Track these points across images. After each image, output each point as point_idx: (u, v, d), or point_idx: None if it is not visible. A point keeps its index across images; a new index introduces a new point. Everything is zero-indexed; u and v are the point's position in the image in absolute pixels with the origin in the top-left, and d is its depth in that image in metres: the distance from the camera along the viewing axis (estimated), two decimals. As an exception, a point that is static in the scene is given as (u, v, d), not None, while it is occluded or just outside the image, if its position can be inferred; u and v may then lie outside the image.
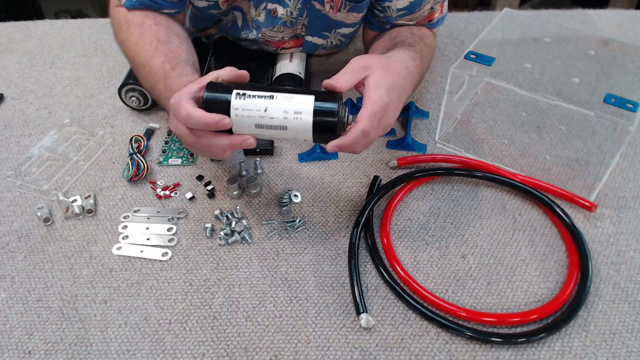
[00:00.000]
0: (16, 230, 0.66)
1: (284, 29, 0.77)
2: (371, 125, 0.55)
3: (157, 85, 0.65)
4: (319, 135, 0.55)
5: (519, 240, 0.64)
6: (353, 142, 0.54)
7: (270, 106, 0.53)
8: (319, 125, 0.54)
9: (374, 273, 0.60)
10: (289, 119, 0.53)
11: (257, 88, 0.55)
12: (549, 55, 0.88)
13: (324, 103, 0.54)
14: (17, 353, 0.54)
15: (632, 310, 0.57)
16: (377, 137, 0.58)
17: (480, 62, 0.68)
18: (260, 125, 0.54)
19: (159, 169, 0.73)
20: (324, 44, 0.81)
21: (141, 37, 0.68)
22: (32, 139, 0.78)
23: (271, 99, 0.53)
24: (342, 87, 0.55)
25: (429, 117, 0.80)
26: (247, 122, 0.54)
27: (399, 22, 0.76)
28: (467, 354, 0.54)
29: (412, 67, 0.66)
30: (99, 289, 0.60)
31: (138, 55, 0.68)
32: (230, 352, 0.54)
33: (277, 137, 0.56)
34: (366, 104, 0.55)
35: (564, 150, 0.74)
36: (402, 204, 0.68)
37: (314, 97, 0.54)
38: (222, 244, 0.63)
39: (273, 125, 0.54)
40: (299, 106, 0.53)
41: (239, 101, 0.53)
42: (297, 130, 0.54)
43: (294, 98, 0.54)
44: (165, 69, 0.64)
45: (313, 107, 0.53)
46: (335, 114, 0.54)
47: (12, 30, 1.01)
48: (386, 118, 0.57)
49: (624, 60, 0.86)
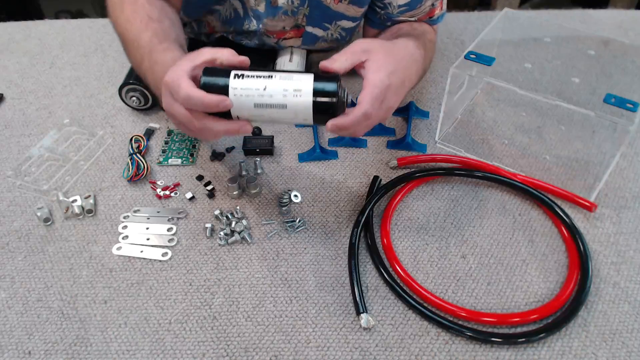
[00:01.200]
0: (16, 230, 0.66)
1: (285, 17, 0.77)
2: (372, 108, 0.54)
3: (143, 62, 0.65)
4: (319, 115, 0.54)
5: (519, 240, 0.64)
6: (354, 124, 0.54)
7: (270, 85, 0.53)
8: (318, 104, 0.53)
9: (374, 273, 0.60)
10: (288, 97, 0.53)
11: (255, 70, 0.54)
12: (549, 55, 0.88)
13: (323, 82, 0.53)
14: (17, 353, 0.54)
15: (632, 310, 0.57)
16: (378, 121, 0.58)
17: (480, 62, 0.68)
18: (259, 105, 0.53)
19: (159, 169, 0.73)
20: (324, 35, 0.81)
21: (133, 14, 0.67)
22: (32, 139, 0.78)
23: (270, 79, 0.53)
24: (340, 68, 0.55)
25: (429, 117, 0.80)
26: (246, 101, 0.53)
27: (400, 18, 0.76)
28: (467, 354, 0.54)
29: (417, 55, 0.65)
30: (99, 289, 0.60)
31: (128, 31, 0.67)
32: (230, 352, 0.54)
33: (276, 118, 0.55)
34: (367, 86, 0.55)
35: (564, 150, 0.74)
36: (402, 204, 0.68)
37: (313, 75, 0.54)
38: (222, 244, 0.63)
39: (272, 104, 0.53)
40: (299, 84, 0.53)
41: (238, 81, 0.53)
42: (297, 110, 0.54)
43: (293, 77, 0.53)
44: (153, 42, 0.64)
45: (313, 85, 0.53)
46: (335, 93, 0.53)
47: (12, 30, 1.01)
48: (388, 101, 0.56)
49: (624, 60, 0.86)
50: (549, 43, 0.84)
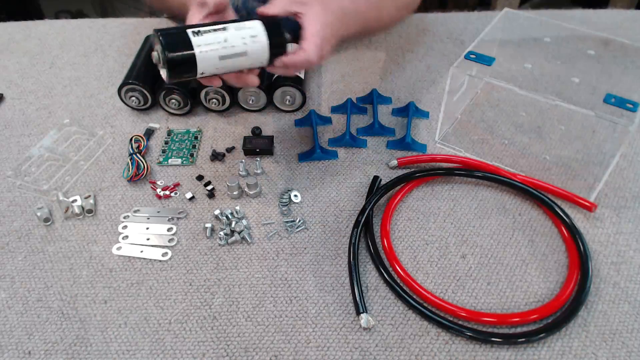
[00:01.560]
0: (16, 230, 0.66)
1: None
2: (314, 55, 0.61)
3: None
4: (272, 56, 0.60)
5: (519, 240, 0.64)
6: (296, 64, 0.61)
7: (229, 36, 0.58)
8: (273, 45, 0.60)
9: (374, 273, 0.60)
10: (248, 44, 0.58)
11: (203, 25, 0.58)
12: (549, 55, 0.88)
13: (270, 25, 0.60)
14: (17, 353, 0.55)
15: (632, 310, 0.57)
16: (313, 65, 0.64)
17: (480, 62, 0.68)
18: (224, 57, 0.58)
19: (159, 169, 0.73)
20: None
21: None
22: (32, 139, 0.78)
23: (226, 31, 0.58)
24: (275, 13, 0.61)
25: (429, 117, 0.80)
26: (212, 55, 0.57)
27: None
28: (467, 354, 0.54)
29: (350, 8, 0.71)
30: (99, 289, 0.60)
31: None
32: (230, 352, 0.54)
33: (237, 66, 0.60)
34: (308, 36, 0.61)
35: (564, 150, 0.74)
36: (402, 204, 0.68)
37: (259, 21, 0.60)
38: (222, 244, 0.63)
39: (235, 53, 0.58)
40: (253, 31, 0.59)
41: (199, 38, 0.56)
42: (256, 54, 0.59)
43: (245, 25, 0.59)
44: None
45: (264, 29, 0.59)
46: (283, 32, 0.61)
47: (12, 30, 1.01)
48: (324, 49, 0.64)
49: (624, 60, 0.86)
50: (549, 43, 0.83)
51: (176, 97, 0.77)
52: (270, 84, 0.79)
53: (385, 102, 0.83)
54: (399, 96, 0.84)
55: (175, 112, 0.80)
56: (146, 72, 0.79)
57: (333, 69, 0.89)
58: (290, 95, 0.79)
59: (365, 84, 0.86)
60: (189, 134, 0.77)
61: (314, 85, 0.86)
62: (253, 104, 0.79)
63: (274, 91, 0.79)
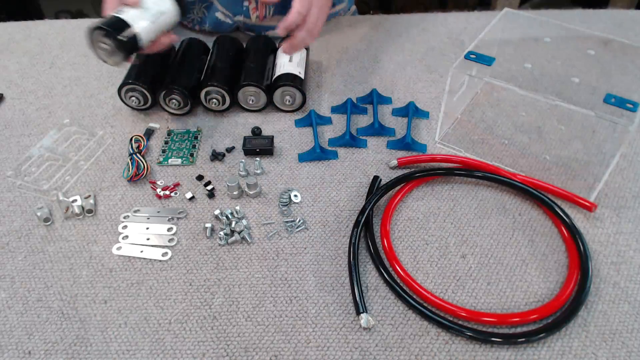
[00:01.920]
0: (16, 230, 0.66)
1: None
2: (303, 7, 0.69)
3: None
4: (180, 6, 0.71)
5: (519, 240, 0.64)
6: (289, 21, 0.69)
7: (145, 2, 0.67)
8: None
9: (374, 273, 0.60)
10: (158, 3, 0.68)
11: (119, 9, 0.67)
12: (549, 55, 0.88)
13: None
14: (17, 353, 0.55)
15: (632, 310, 0.57)
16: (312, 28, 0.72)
17: (480, 62, 0.68)
18: (153, 21, 0.67)
19: (159, 169, 0.73)
20: None
21: None
22: (32, 139, 0.78)
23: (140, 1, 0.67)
24: None
25: (429, 117, 0.80)
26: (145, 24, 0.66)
27: None
28: (467, 354, 0.54)
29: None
30: (99, 289, 0.60)
31: None
32: (230, 352, 0.54)
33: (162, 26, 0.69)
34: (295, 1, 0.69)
35: (564, 150, 0.74)
36: (402, 204, 0.68)
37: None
38: (222, 244, 0.63)
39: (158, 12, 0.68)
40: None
41: (127, 14, 0.65)
42: (169, 7, 0.70)
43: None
44: None
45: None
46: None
47: (12, 30, 1.01)
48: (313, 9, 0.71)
49: (624, 60, 0.86)
50: (549, 43, 0.83)
51: (176, 97, 0.77)
52: (270, 84, 0.79)
53: (385, 102, 0.83)
54: (399, 96, 0.84)
55: (175, 112, 0.80)
56: (146, 72, 0.79)
57: (333, 69, 0.89)
58: (290, 95, 0.79)
59: (365, 84, 0.86)
60: (189, 134, 0.78)
61: (314, 85, 0.86)
62: (253, 104, 0.79)
63: (274, 91, 0.79)
